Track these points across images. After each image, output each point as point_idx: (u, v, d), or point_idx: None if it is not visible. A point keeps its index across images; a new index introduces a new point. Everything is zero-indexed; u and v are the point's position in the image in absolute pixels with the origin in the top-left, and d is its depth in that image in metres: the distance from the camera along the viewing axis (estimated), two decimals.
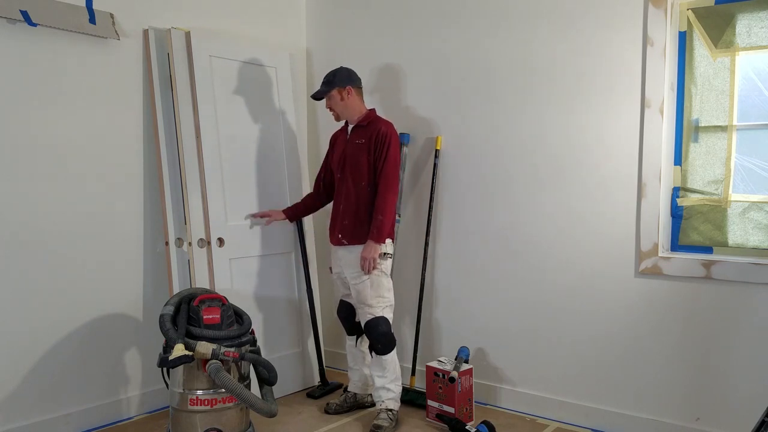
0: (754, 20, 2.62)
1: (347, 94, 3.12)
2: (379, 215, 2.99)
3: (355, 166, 3.09)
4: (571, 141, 3.06)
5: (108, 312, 3.12)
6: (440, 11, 3.46)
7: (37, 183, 2.84)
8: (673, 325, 2.81)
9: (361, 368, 3.31)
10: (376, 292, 3.04)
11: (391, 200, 3.02)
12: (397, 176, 3.08)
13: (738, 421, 2.65)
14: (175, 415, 2.64)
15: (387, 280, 3.10)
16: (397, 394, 3.11)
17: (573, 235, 3.07)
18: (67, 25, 2.86)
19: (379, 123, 3.11)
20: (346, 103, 3.13)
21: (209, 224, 3.21)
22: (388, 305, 3.09)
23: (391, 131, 3.08)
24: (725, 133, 2.71)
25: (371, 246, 3.00)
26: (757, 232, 2.66)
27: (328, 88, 3.12)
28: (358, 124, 3.15)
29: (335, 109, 3.15)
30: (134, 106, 3.19)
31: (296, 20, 4.05)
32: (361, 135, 3.11)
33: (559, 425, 3.11)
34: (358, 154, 3.09)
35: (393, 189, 3.04)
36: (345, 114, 3.16)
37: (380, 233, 3.00)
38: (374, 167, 3.06)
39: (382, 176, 3.03)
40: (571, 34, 3.02)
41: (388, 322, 3.07)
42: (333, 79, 3.12)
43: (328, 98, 3.14)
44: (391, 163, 3.04)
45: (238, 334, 2.67)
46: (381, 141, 3.04)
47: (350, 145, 3.15)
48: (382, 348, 3.03)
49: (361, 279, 3.05)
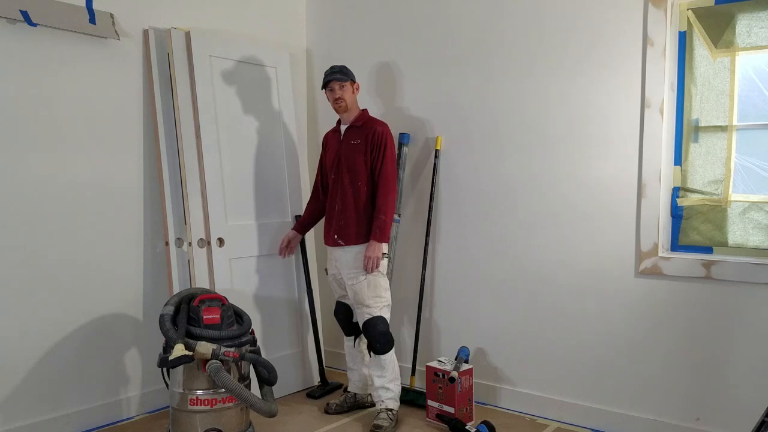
0: (754, 20, 2.62)
1: (356, 90, 3.17)
2: (381, 215, 3.01)
3: (351, 166, 3.09)
4: (571, 141, 3.06)
5: (108, 312, 3.12)
6: (440, 11, 3.46)
7: (36, 183, 2.84)
8: (673, 325, 2.81)
9: (360, 368, 3.32)
10: (373, 292, 3.05)
11: (391, 200, 3.05)
12: (395, 176, 3.10)
13: (738, 421, 2.65)
14: (175, 415, 2.64)
15: (384, 279, 3.11)
16: (396, 393, 3.11)
17: (573, 235, 3.07)
18: (67, 25, 2.86)
19: (374, 123, 3.12)
20: (354, 97, 3.15)
21: (209, 224, 3.21)
22: (385, 305, 3.10)
23: (387, 131, 3.10)
24: (725, 133, 2.71)
25: (374, 245, 3.01)
26: (757, 232, 2.66)
27: (346, 77, 3.10)
28: (352, 125, 3.14)
29: (346, 98, 3.10)
30: (134, 106, 3.19)
31: (296, 20, 4.05)
32: (356, 135, 3.11)
33: (559, 425, 3.11)
34: (354, 155, 3.09)
35: (392, 189, 3.06)
36: (351, 107, 3.14)
37: (383, 233, 3.01)
38: (371, 168, 3.07)
39: (381, 177, 3.04)
40: (571, 34, 3.02)
41: (386, 322, 3.07)
42: (347, 71, 3.13)
43: (341, 87, 3.09)
44: (389, 163, 3.06)
45: (238, 334, 2.67)
46: (378, 141, 3.05)
47: (345, 145, 3.14)
48: (380, 347, 3.03)
49: (357, 279, 3.06)
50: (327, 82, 3.12)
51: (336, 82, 3.09)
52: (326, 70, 3.16)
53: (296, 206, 3.69)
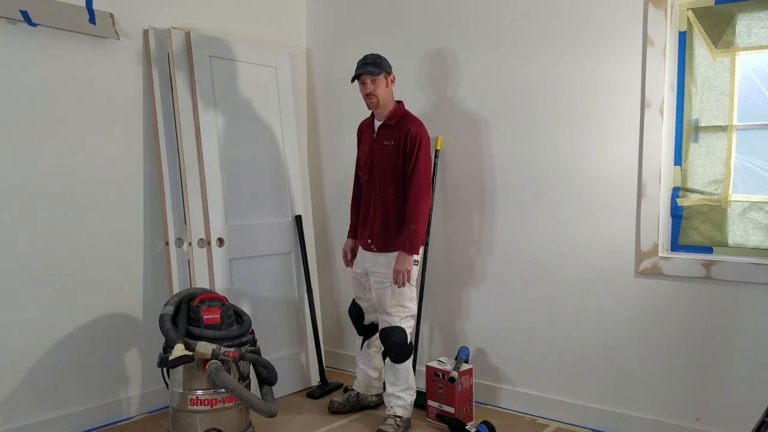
0: (754, 20, 2.62)
1: (391, 82, 2.92)
2: (411, 224, 2.81)
3: (383, 170, 2.93)
4: (571, 141, 3.06)
5: (108, 312, 3.12)
6: (440, 11, 3.46)
7: (36, 183, 2.84)
8: (673, 325, 2.81)
9: (366, 368, 3.28)
10: (396, 300, 2.93)
11: (423, 207, 2.85)
12: (429, 180, 2.91)
13: (738, 421, 2.65)
14: (175, 415, 2.64)
15: (410, 289, 2.94)
16: (407, 402, 3.03)
17: (573, 235, 3.07)
18: (67, 25, 2.86)
19: (408, 122, 2.91)
20: (389, 90, 2.91)
21: (209, 224, 3.21)
22: (407, 315, 2.98)
23: (422, 131, 2.89)
24: (725, 133, 2.71)
25: (404, 258, 2.82)
26: (757, 232, 2.66)
27: (378, 71, 2.83)
28: (385, 122, 2.95)
29: (378, 94, 2.86)
30: (134, 106, 3.19)
31: (296, 20, 4.05)
32: (389, 135, 2.92)
33: (559, 425, 3.11)
34: (386, 158, 2.91)
35: (425, 194, 2.86)
36: (384, 102, 2.92)
37: (413, 244, 2.82)
38: (404, 171, 2.88)
39: (413, 181, 2.84)
40: (571, 35, 3.02)
41: (404, 333, 2.95)
42: (381, 62, 2.87)
43: (373, 81, 2.84)
44: (422, 166, 2.85)
45: (238, 334, 2.68)
46: (411, 143, 2.85)
47: (377, 145, 2.97)
48: (395, 357, 2.98)
49: (383, 285, 2.94)
50: (358, 75, 2.87)
51: (367, 75, 2.83)
52: (359, 59, 2.94)
53: (296, 206, 3.69)
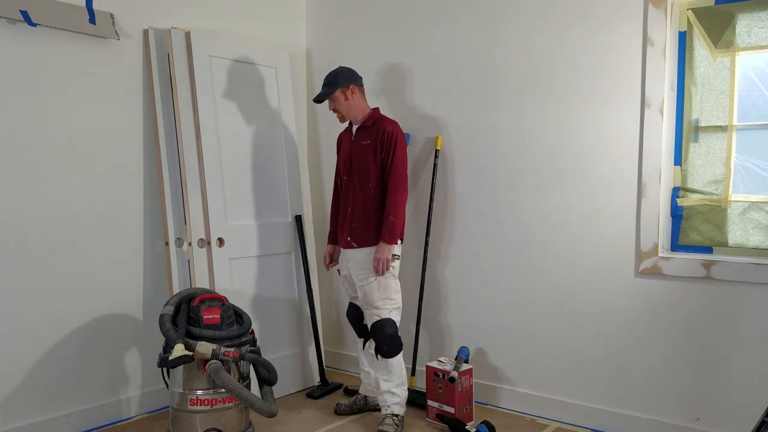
0: (754, 20, 2.62)
1: (351, 94, 3.06)
2: (390, 216, 2.95)
3: (361, 167, 3.04)
4: (571, 141, 3.06)
5: (108, 312, 3.12)
6: (440, 11, 3.46)
7: (36, 183, 2.84)
8: (673, 325, 2.81)
9: (372, 370, 3.26)
10: (383, 293, 3.01)
11: (401, 200, 2.98)
12: (405, 176, 3.03)
13: (738, 421, 2.65)
14: (175, 415, 2.64)
15: (395, 281, 3.06)
16: (402, 399, 3.07)
17: (573, 235, 3.07)
18: (67, 25, 2.86)
19: (384, 122, 3.06)
20: (350, 103, 3.07)
21: (209, 224, 3.21)
22: (395, 307, 3.05)
23: (397, 130, 3.03)
24: (725, 133, 2.71)
25: (384, 247, 2.96)
26: (757, 232, 2.66)
27: (331, 90, 3.05)
28: (362, 125, 3.09)
29: (340, 110, 3.08)
30: (134, 106, 3.19)
31: (296, 20, 4.05)
32: (366, 135, 3.06)
33: (559, 425, 3.11)
34: (365, 155, 3.04)
35: (402, 189, 2.99)
36: (350, 114, 3.10)
37: (392, 234, 2.96)
38: (382, 168, 3.01)
39: (390, 177, 2.98)
40: (571, 34, 3.02)
41: (395, 324, 3.02)
42: (335, 80, 3.05)
43: (331, 100, 3.07)
44: (399, 162, 2.99)
45: (238, 334, 2.68)
46: (387, 141, 2.99)
47: (356, 146, 3.10)
48: (387, 351, 3.00)
49: (368, 281, 3.02)
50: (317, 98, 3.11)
51: (323, 97, 3.07)
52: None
53: (296, 206, 3.70)
